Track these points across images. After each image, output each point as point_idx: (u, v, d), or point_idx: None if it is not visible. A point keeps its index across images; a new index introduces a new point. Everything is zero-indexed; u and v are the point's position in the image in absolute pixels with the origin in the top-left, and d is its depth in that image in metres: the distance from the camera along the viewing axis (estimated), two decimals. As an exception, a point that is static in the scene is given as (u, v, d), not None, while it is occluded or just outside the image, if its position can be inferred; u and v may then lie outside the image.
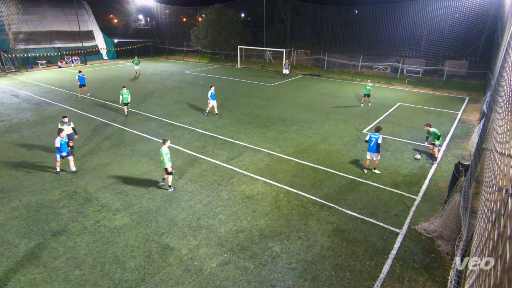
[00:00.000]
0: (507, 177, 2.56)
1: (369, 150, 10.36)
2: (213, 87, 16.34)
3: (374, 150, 10.22)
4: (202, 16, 44.47)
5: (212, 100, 16.38)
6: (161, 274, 6.41)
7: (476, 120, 16.61)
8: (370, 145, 10.24)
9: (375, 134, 10.22)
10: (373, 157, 10.44)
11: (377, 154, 10.30)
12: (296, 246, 7.23)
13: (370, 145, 10.24)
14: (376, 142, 10.10)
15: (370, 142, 10.23)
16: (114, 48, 40.37)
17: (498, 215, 2.38)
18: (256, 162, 11.42)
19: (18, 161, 11.37)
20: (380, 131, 10.40)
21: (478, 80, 25.20)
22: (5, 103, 19.11)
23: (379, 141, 10.10)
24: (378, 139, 10.09)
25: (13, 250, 7.01)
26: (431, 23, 28.31)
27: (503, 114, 4.36)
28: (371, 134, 10.31)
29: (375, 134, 10.20)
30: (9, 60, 30.91)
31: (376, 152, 10.23)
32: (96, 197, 9.15)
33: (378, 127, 10.55)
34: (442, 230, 7.37)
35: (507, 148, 2.99)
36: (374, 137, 10.15)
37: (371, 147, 10.23)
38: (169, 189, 9.50)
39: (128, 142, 13.13)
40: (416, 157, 11.76)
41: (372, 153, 10.34)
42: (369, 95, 18.75)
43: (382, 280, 6.36)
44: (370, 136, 10.29)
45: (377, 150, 10.17)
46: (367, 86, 18.49)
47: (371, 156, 10.45)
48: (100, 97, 20.69)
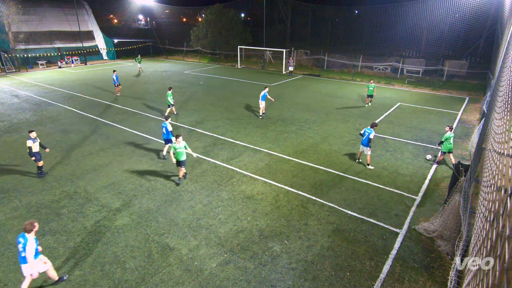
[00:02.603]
0: (506, 177, 2.57)
1: (361, 143, 10.99)
2: (267, 89, 16.57)
3: (365, 144, 10.77)
4: (202, 16, 44.48)
5: (262, 101, 16.34)
6: (161, 274, 6.42)
7: (476, 120, 16.61)
8: (363, 138, 10.84)
9: (369, 129, 10.75)
10: (364, 150, 10.96)
11: (368, 149, 10.81)
12: (296, 246, 7.24)
13: (363, 138, 10.84)
14: (368, 137, 10.64)
15: (364, 135, 10.83)
16: (114, 48, 40.39)
17: (496, 215, 2.39)
18: (256, 162, 11.42)
19: (18, 161, 11.37)
20: (375, 128, 10.82)
21: (478, 80, 25.18)
22: (5, 103, 19.12)
23: (370, 136, 10.62)
24: (370, 134, 10.63)
25: (13, 250, 7.02)
26: (431, 23, 28.28)
27: (502, 114, 4.37)
28: (366, 128, 10.86)
29: (369, 129, 10.73)
30: (9, 60, 30.92)
31: (367, 146, 10.75)
32: (96, 197, 9.16)
33: (374, 123, 10.95)
34: (442, 230, 7.38)
35: (506, 148, 2.99)
36: (367, 132, 10.73)
37: (363, 141, 10.84)
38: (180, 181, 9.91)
39: (128, 142, 13.14)
40: (427, 158, 11.76)
41: (363, 146, 10.89)
42: (372, 96, 18.68)
43: (382, 280, 6.37)
44: (365, 130, 10.86)
45: (368, 144, 10.69)
46: (370, 86, 18.44)
47: (362, 149, 11.05)
48: (101, 97, 20.70)
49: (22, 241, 5.59)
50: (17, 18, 31.20)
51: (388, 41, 31.29)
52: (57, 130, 14.62)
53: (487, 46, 27.04)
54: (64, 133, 14.18)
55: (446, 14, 26.71)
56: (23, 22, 31.77)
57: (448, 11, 26.50)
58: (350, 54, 32.46)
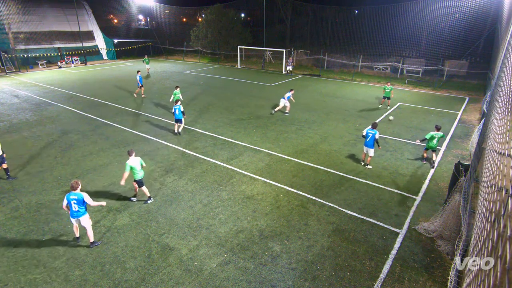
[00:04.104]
0: (506, 177, 2.56)
1: (365, 145, 10.85)
2: (293, 91, 17.32)
3: (371, 145, 10.70)
4: (202, 16, 44.48)
5: (286, 100, 16.80)
6: (161, 274, 6.42)
7: (476, 120, 16.61)
8: (367, 140, 10.70)
9: (372, 129, 10.64)
10: (368, 151, 10.89)
11: (372, 150, 10.78)
12: (296, 246, 7.24)
13: (367, 140, 10.70)
14: (374, 137, 10.55)
15: (367, 137, 10.69)
16: (114, 48, 40.38)
17: (497, 215, 2.39)
18: (256, 162, 11.42)
19: (18, 161, 11.37)
20: (376, 127, 10.75)
21: (478, 80, 25.17)
22: (5, 103, 19.12)
23: (376, 137, 10.56)
24: (375, 134, 10.55)
25: (13, 250, 7.02)
26: (431, 23, 28.27)
27: (502, 114, 4.36)
28: (368, 129, 10.76)
29: (372, 130, 10.63)
30: (9, 60, 30.92)
31: (372, 148, 10.72)
32: (96, 197, 9.15)
33: (375, 123, 10.87)
34: (442, 230, 7.38)
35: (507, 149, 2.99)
36: (371, 133, 10.62)
37: (368, 142, 10.72)
38: (148, 201, 8.87)
39: (128, 142, 13.13)
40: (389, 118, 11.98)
41: (368, 148, 10.81)
42: (389, 98, 18.30)
43: (382, 280, 6.36)
44: (368, 131, 10.75)
45: (373, 145, 10.66)
46: (387, 88, 18.09)
47: (366, 150, 10.96)
48: (100, 97, 20.69)
49: (75, 197, 6.77)
50: (17, 18, 31.20)
51: (388, 41, 31.26)
52: (57, 130, 14.61)
53: (487, 46, 27.03)
54: (64, 133, 14.18)
55: (446, 14, 26.69)
56: (23, 22, 31.77)
57: (448, 11, 26.49)
58: (350, 54, 32.46)
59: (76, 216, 6.92)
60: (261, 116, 16.80)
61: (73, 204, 6.79)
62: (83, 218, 6.95)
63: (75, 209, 6.84)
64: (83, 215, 6.93)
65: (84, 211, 6.94)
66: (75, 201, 6.78)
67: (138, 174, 8.49)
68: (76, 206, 6.81)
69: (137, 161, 8.42)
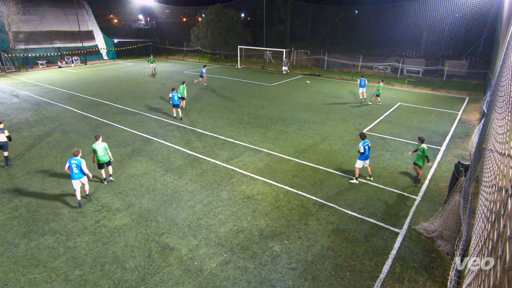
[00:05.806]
0: (507, 177, 2.56)
1: (365, 158, 9.79)
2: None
3: (368, 157, 9.85)
4: (202, 16, 44.47)
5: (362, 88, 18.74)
6: (161, 274, 6.41)
7: (476, 120, 16.61)
8: (366, 153, 9.69)
9: (365, 141, 9.69)
10: (366, 163, 9.92)
11: (368, 161, 9.93)
12: (296, 246, 7.24)
13: (366, 153, 9.68)
14: (369, 147, 9.74)
15: (365, 150, 9.63)
16: (114, 48, 40.38)
17: (497, 215, 2.39)
18: (256, 162, 11.42)
19: (18, 161, 11.37)
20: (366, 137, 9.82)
21: (478, 80, 25.17)
22: (5, 103, 19.11)
23: (370, 145, 9.76)
24: (369, 143, 9.75)
25: (13, 250, 7.02)
26: (431, 23, 28.28)
27: (503, 114, 4.36)
28: (363, 142, 9.66)
29: (365, 141, 9.68)
30: (9, 60, 30.90)
31: (368, 158, 9.89)
32: (96, 197, 9.16)
33: (363, 134, 9.89)
34: (442, 230, 7.38)
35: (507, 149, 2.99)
36: (366, 145, 9.68)
37: (367, 154, 9.76)
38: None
39: (128, 142, 13.13)
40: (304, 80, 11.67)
41: (366, 160, 9.87)
42: (378, 95, 19.16)
43: (382, 280, 6.36)
44: (363, 145, 9.65)
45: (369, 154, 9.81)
46: (379, 86, 18.95)
47: (366, 164, 9.96)
48: (100, 97, 20.69)
49: (76, 162, 8.36)
50: (17, 18, 31.19)
51: (388, 41, 31.28)
52: (57, 130, 14.61)
53: (487, 46, 27.05)
54: (64, 133, 14.17)
55: (446, 14, 26.71)
56: (23, 22, 31.76)
57: (448, 11, 26.51)
58: (350, 54, 32.46)
59: (77, 178, 8.41)
60: (261, 116, 16.80)
61: (74, 167, 8.32)
62: (83, 178, 8.60)
63: (75, 172, 8.35)
64: (82, 177, 8.52)
65: (83, 174, 8.53)
66: (75, 165, 8.33)
67: (102, 158, 9.62)
68: (77, 169, 8.35)
69: (101, 146, 9.57)
